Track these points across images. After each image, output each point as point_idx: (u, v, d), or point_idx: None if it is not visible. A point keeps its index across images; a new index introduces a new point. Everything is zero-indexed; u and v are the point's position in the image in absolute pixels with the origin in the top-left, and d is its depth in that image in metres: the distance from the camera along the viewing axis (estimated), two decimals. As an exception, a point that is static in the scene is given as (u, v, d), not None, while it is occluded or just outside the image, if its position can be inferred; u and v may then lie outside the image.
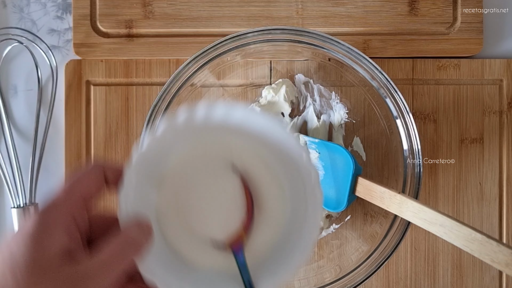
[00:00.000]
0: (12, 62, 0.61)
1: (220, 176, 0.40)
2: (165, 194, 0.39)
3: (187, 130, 0.38)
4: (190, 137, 0.39)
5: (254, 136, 0.39)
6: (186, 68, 0.52)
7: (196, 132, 0.39)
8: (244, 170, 0.40)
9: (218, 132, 0.39)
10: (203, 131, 0.39)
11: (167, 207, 0.39)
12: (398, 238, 0.51)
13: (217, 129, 0.39)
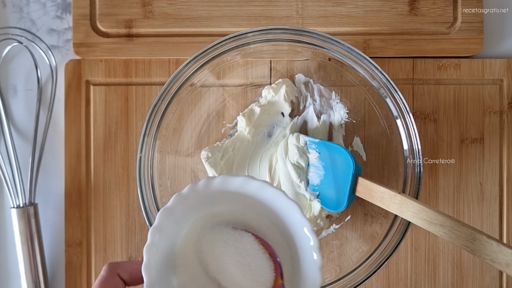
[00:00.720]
0: (11, 62, 0.61)
1: (234, 238, 0.42)
2: (186, 273, 0.41)
3: (198, 201, 0.40)
4: (198, 209, 0.41)
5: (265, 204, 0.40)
6: (186, 68, 0.52)
7: (204, 202, 0.40)
8: (254, 227, 0.42)
9: (224, 200, 0.41)
10: (212, 200, 0.41)
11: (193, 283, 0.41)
12: (398, 238, 0.51)
13: (229, 196, 0.40)
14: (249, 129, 0.57)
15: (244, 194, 0.40)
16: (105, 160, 0.59)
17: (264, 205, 0.40)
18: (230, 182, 0.39)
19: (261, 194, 0.39)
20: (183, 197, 0.39)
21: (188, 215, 0.41)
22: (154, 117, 0.52)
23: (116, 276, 0.39)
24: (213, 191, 0.39)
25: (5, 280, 0.60)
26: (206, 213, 0.42)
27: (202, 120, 0.58)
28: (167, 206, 0.38)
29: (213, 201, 0.41)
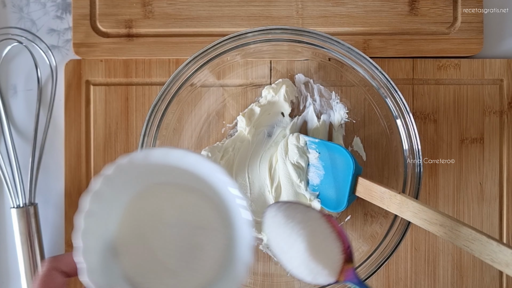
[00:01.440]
0: (11, 62, 0.61)
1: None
2: (131, 257, 0.41)
3: (127, 177, 0.39)
4: (131, 187, 0.41)
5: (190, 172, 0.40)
6: (186, 68, 0.52)
7: (135, 180, 0.40)
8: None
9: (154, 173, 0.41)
10: (141, 174, 0.40)
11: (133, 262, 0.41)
12: (398, 238, 0.51)
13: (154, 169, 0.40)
14: (249, 129, 0.57)
15: (170, 167, 0.40)
16: (105, 160, 0.59)
17: (191, 173, 0.40)
18: (153, 154, 0.39)
19: (184, 162, 0.39)
20: (110, 178, 0.38)
21: (119, 196, 0.41)
22: (154, 117, 0.52)
23: (55, 270, 0.39)
24: (140, 166, 0.39)
25: (5, 280, 0.60)
26: (141, 190, 0.42)
27: (202, 120, 0.58)
28: (95, 190, 0.38)
29: (146, 178, 0.41)
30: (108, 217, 0.40)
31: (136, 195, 0.42)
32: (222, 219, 0.43)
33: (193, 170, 0.40)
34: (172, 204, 0.42)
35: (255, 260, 0.57)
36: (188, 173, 0.40)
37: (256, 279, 0.57)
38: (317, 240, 0.42)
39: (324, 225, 0.42)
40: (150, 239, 0.41)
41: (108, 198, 0.39)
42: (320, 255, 0.42)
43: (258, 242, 0.58)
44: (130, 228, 0.42)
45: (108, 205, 0.40)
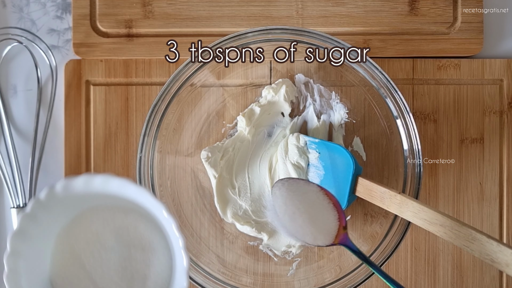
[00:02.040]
0: (11, 62, 0.61)
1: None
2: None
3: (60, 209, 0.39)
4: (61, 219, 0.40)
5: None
6: (186, 68, 0.52)
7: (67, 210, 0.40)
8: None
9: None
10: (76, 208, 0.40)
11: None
12: (398, 238, 0.51)
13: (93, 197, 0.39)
14: (249, 129, 0.57)
15: (111, 196, 0.39)
16: (105, 160, 0.59)
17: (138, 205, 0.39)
18: (92, 182, 0.38)
19: (125, 193, 0.38)
20: (31, 216, 0.37)
21: (49, 230, 0.39)
22: (154, 117, 0.52)
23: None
24: (74, 195, 0.38)
25: (5, 280, 0.60)
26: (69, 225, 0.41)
27: (202, 120, 0.58)
28: (16, 229, 0.37)
29: (76, 205, 0.40)
30: (41, 254, 0.39)
31: (66, 224, 0.41)
32: (162, 239, 0.42)
33: (133, 200, 0.39)
34: (108, 227, 0.41)
35: (255, 260, 0.57)
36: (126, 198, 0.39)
37: (256, 279, 0.57)
38: (316, 209, 0.48)
39: (322, 197, 0.49)
40: (87, 266, 0.40)
41: (35, 235, 0.38)
42: (318, 221, 0.48)
43: (258, 242, 0.58)
44: (64, 259, 0.40)
45: (37, 242, 0.38)
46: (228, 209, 0.57)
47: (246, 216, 0.57)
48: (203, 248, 0.56)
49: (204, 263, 0.54)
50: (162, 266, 0.42)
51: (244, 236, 0.57)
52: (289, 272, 0.57)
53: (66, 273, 0.40)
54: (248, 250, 0.58)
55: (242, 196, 0.57)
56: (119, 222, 0.41)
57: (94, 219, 0.41)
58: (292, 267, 0.57)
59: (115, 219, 0.41)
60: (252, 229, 0.56)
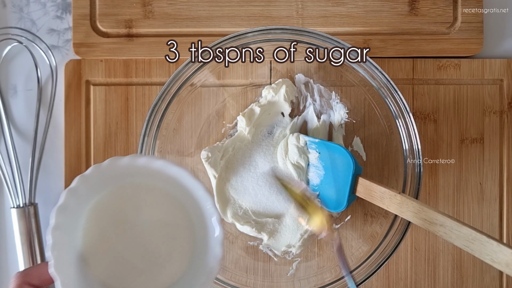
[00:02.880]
0: (11, 62, 0.61)
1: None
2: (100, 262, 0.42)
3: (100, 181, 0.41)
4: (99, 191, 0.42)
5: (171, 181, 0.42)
6: (186, 68, 0.52)
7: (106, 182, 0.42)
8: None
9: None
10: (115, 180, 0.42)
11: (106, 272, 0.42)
12: (398, 238, 0.51)
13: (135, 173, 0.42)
14: (249, 129, 0.57)
15: (152, 170, 0.41)
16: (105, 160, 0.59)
17: (172, 181, 0.42)
18: (137, 161, 0.40)
19: (168, 171, 0.41)
20: (74, 190, 0.39)
21: (84, 204, 0.42)
22: (154, 117, 0.52)
23: (26, 285, 0.40)
24: (119, 168, 0.40)
25: (5, 280, 0.60)
26: (105, 194, 0.43)
27: (202, 120, 0.58)
28: (61, 204, 0.39)
29: (108, 183, 0.42)
30: (75, 228, 0.41)
31: (98, 200, 0.43)
32: (185, 215, 0.44)
33: (162, 173, 0.41)
34: (134, 204, 0.43)
35: (255, 260, 0.57)
36: (154, 174, 0.41)
37: (256, 279, 0.57)
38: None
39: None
40: (115, 241, 0.42)
41: (73, 209, 0.40)
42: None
43: (258, 242, 0.58)
44: (95, 233, 0.42)
45: (74, 215, 0.40)
46: (228, 209, 0.57)
47: (246, 216, 0.57)
48: (203, 248, 0.56)
49: (204, 263, 0.54)
50: (186, 240, 0.44)
51: (244, 236, 0.57)
52: (289, 272, 0.57)
53: (95, 246, 0.42)
54: (248, 250, 0.58)
55: (242, 196, 0.57)
56: (144, 198, 0.44)
57: (120, 196, 0.43)
58: (292, 267, 0.57)
59: (139, 195, 0.43)
60: (252, 229, 0.56)
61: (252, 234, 0.57)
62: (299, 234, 0.56)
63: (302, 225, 0.56)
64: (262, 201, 0.57)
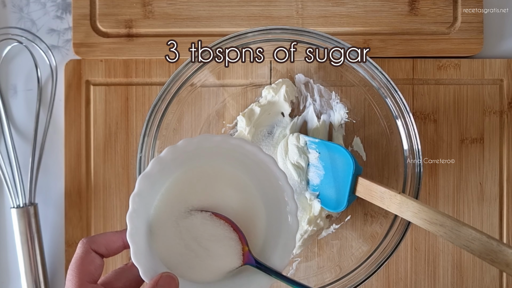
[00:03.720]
0: (11, 62, 0.61)
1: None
2: (162, 239, 0.42)
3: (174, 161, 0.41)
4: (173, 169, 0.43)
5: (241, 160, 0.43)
6: (186, 68, 0.52)
7: (178, 162, 0.42)
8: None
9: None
10: (186, 159, 0.42)
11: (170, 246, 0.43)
12: (398, 238, 0.51)
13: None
14: (249, 129, 0.57)
15: (223, 149, 0.42)
16: (105, 160, 0.59)
17: (242, 157, 0.43)
18: (210, 140, 0.41)
19: (240, 150, 0.42)
20: (161, 161, 0.40)
21: (163, 177, 0.42)
22: (154, 117, 0.52)
23: (91, 251, 0.39)
24: (190, 149, 0.41)
25: (5, 280, 0.60)
26: (182, 172, 0.43)
27: (202, 120, 0.58)
28: (147, 171, 0.39)
29: (188, 159, 0.43)
30: (152, 199, 0.42)
31: (176, 176, 0.43)
32: (256, 196, 0.45)
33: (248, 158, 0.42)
34: (204, 185, 0.44)
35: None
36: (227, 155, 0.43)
37: (256, 279, 0.57)
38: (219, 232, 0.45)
39: (224, 226, 0.45)
40: (180, 221, 0.43)
41: (155, 179, 0.40)
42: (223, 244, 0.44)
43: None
44: (165, 209, 0.43)
45: (154, 186, 0.41)
46: (228, 209, 0.57)
47: (246, 216, 0.57)
48: (203, 248, 0.56)
49: (204, 263, 0.54)
50: (258, 222, 0.45)
51: (244, 236, 0.57)
52: (289, 272, 0.57)
53: (163, 223, 0.43)
54: (248, 250, 0.58)
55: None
56: (215, 181, 0.45)
57: (194, 176, 0.44)
58: (292, 267, 0.57)
59: (211, 179, 0.45)
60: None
61: (252, 234, 0.57)
62: (299, 234, 0.56)
63: (302, 225, 0.56)
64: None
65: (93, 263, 0.39)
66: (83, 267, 0.38)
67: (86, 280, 0.38)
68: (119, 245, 0.40)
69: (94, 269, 0.39)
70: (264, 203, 0.45)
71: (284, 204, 0.43)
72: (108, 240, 0.40)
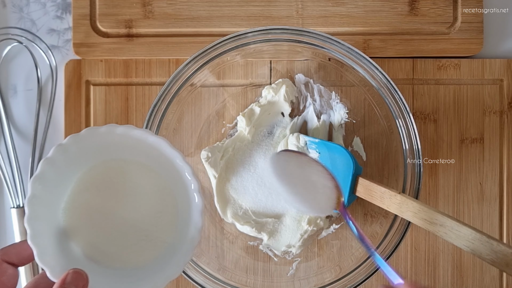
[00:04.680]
0: (11, 62, 0.61)
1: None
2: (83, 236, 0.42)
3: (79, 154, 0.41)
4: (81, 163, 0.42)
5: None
6: (186, 68, 0.52)
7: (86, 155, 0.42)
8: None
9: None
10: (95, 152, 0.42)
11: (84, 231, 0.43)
12: (398, 238, 0.51)
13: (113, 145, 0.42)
14: (249, 129, 0.57)
15: (131, 141, 0.41)
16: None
17: (152, 154, 0.42)
18: (115, 130, 0.40)
19: (146, 141, 0.41)
20: (51, 160, 0.39)
21: (65, 176, 0.42)
22: (154, 117, 0.52)
23: (3, 262, 0.39)
24: (98, 139, 0.40)
25: (5, 280, 0.60)
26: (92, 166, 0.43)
27: (202, 120, 0.58)
28: (38, 173, 0.39)
29: (99, 154, 0.42)
30: (57, 200, 0.42)
31: (82, 174, 0.43)
32: (169, 187, 0.45)
33: (147, 148, 0.42)
34: (118, 179, 0.44)
35: (255, 260, 0.57)
36: (134, 147, 0.42)
37: (256, 279, 0.57)
38: (314, 180, 0.49)
39: (316, 166, 0.50)
40: (99, 215, 0.43)
41: (52, 180, 0.40)
42: (317, 192, 0.49)
43: (258, 242, 0.58)
44: (79, 208, 0.43)
45: (54, 187, 0.40)
46: (228, 209, 0.57)
47: (246, 216, 0.57)
48: (203, 248, 0.56)
49: (204, 263, 0.54)
50: (170, 213, 0.44)
51: (244, 236, 0.57)
52: (289, 272, 0.57)
53: (79, 221, 0.43)
54: (248, 250, 0.58)
55: (242, 196, 0.57)
56: (127, 174, 0.44)
57: (104, 171, 0.44)
58: (292, 267, 0.57)
59: (124, 171, 0.44)
60: (252, 229, 0.56)
61: (252, 234, 0.57)
62: (299, 234, 0.56)
63: (302, 225, 0.56)
64: (262, 201, 0.57)
65: (5, 274, 0.39)
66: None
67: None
68: (30, 253, 0.39)
69: (7, 279, 0.39)
70: (175, 197, 0.45)
71: (189, 184, 0.42)
72: (19, 249, 0.40)
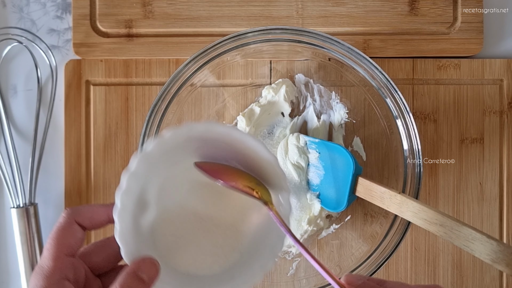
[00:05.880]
0: (11, 62, 0.61)
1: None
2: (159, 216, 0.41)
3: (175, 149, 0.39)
4: (169, 158, 0.41)
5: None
6: (186, 68, 0.52)
7: (176, 150, 0.40)
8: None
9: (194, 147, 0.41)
10: (182, 148, 0.40)
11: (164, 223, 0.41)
12: (398, 238, 0.51)
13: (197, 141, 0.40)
14: (249, 129, 0.57)
15: (215, 139, 0.40)
16: (105, 160, 0.59)
17: (233, 145, 0.41)
18: (196, 128, 0.39)
19: (230, 136, 0.40)
20: (164, 143, 0.38)
21: (164, 163, 0.41)
22: (154, 117, 0.52)
23: (74, 223, 0.38)
24: (191, 136, 0.39)
25: (5, 280, 0.60)
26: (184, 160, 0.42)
27: (202, 120, 0.58)
28: (147, 151, 0.38)
29: (190, 148, 0.41)
30: (149, 181, 0.40)
31: (173, 168, 0.41)
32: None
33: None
34: (188, 184, 0.42)
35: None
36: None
37: (256, 279, 0.57)
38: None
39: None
40: (175, 220, 0.41)
41: (155, 161, 0.39)
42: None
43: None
44: (158, 207, 0.41)
45: (152, 167, 0.39)
46: (228, 209, 0.57)
47: (246, 216, 0.57)
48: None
49: (204, 263, 0.54)
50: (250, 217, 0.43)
51: (244, 236, 0.57)
52: (289, 272, 0.57)
53: (161, 221, 0.41)
54: (248, 250, 0.58)
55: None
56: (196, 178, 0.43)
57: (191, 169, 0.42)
58: (292, 267, 0.57)
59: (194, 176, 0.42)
60: None
61: (252, 234, 0.57)
62: (299, 234, 0.56)
63: (302, 225, 0.56)
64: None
65: (74, 236, 0.38)
66: (63, 239, 0.37)
67: (64, 252, 0.37)
68: (103, 219, 0.39)
69: (74, 242, 0.38)
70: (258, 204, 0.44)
71: (281, 190, 0.41)
72: (93, 213, 0.39)
